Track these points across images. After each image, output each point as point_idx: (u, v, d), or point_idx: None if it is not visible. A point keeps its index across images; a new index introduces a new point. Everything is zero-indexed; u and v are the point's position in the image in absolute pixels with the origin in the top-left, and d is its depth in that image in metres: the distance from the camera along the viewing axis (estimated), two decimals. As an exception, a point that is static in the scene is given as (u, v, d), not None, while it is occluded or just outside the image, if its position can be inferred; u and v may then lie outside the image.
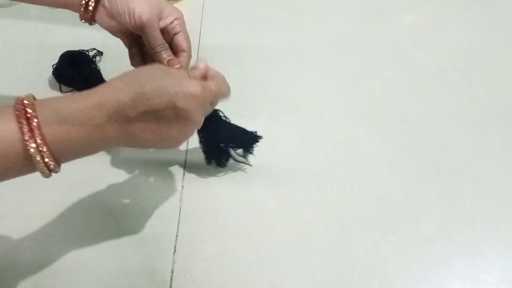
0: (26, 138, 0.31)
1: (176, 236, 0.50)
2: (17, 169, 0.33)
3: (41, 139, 0.31)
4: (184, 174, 0.55)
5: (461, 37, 0.73)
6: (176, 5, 0.74)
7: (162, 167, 0.55)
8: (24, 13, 0.72)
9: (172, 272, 0.48)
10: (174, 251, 0.49)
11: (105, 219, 0.51)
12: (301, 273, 0.48)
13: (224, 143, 0.53)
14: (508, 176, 0.57)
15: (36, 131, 0.31)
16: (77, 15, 0.71)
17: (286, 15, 0.74)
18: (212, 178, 0.55)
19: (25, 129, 0.31)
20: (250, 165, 0.55)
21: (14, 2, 0.73)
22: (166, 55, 0.48)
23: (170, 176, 0.54)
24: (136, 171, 0.55)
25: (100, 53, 0.66)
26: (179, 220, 0.51)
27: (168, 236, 0.50)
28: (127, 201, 0.51)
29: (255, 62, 0.67)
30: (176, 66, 0.48)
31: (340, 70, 0.67)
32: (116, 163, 0.55)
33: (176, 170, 0.55)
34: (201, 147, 0.53)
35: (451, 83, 0.67)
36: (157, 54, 0.48)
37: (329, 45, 0.70)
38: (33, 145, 0.31)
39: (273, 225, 0.51)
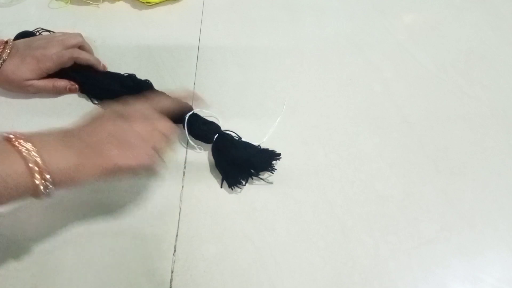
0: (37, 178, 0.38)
1: (176, 236, 0.50)
2: (20, 198, 0.39)
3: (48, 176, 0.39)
4: (184, 174, 0.55)
5: (461, 37, 0.73)
6: (176, 4, 0.74)
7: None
8: (24, 13, 0.72)
9: (172, 272, 0.48)
10: (174, 251, 0.49)
11: (105, 219, 0.51)
12: (301, 273, 0.48)
13: (242, 164, 0.53)
14: (508, 176, 0.57)
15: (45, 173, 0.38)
16: (75, 14, 0.72)
17: (286, 15, 0.75)
18: (212, 178, 0.55)
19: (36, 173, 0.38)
20: (271, 183, 0.55)
21: (14, 2, 0.73)
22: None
23: (170, 176, 0.54)
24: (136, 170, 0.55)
25: (100, 53, 0.66)
26: (179, 220, 0.51)
27: (168, 236, 0.50)
28: (127, 200, 0.51)
29: (255, 62, 0.67)
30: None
31: (340, 70, 0.67)
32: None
33: (176, 170, 0.55)
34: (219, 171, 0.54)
35: (451, 83, 0.67)
36: None
37: (329, 45, 0.70)
38: (42, 182, 0.39)
39: (273, 225, 0.51)
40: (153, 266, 0.48)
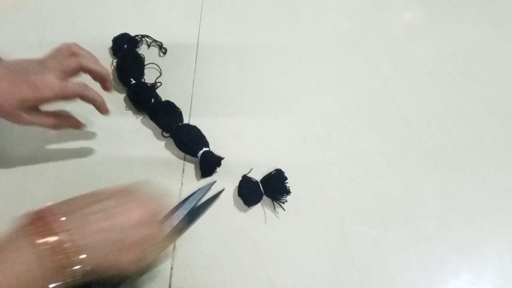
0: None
1: (176, 233, 0.50)
2: None
3: None
4: (183, 171, 0.55)
5: (459, 34, 0.73)
6: (175, 2, 0.74)
7: (162, 164, 0.55)
8: (24, 11, 0.72)
9: (171, 268, 0.48)
10: (174, 248, 0.49)
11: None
12: (300, 270, 0.49)
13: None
14: (506, 173, 0.58)
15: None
16: (76, 13, 0.72)
17: (285, 12, 0.75)
18: (210, 176, 0.55)
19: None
20: None
21: None
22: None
23: (170, 173, 0.54)
24: (136, 169, 0.55)
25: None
26: (178, 217, 0.51)
27: (167, 233, 0.50)
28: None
29: (254, 60, 0.67)
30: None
31: (339, 67, 0.67)
32: (116, 160, 0.55)
33: (176, 167, 0.55)
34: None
35: (449, 80, 0.67)
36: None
37: (327, 42, 0.71)
38: None
39: (271, 222, 0.52)
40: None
